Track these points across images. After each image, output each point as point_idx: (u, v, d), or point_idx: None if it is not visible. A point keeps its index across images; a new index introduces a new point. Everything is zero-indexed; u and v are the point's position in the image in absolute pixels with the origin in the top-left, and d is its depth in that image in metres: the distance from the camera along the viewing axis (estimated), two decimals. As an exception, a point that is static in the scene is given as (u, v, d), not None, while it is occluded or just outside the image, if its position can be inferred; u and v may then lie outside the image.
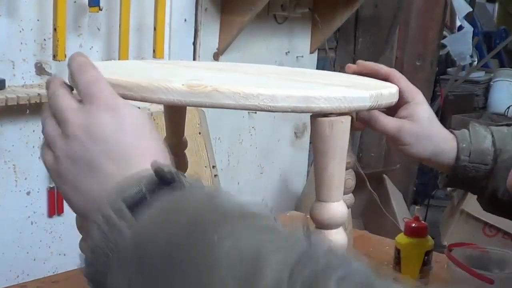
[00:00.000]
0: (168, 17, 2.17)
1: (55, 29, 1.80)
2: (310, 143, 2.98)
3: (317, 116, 0.66)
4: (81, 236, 0.71)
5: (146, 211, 0.46)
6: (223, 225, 0.41)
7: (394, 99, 0.76)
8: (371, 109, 0.69)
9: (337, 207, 0.68)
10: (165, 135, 0.99)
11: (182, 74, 0.78)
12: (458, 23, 4.21)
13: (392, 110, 0.90)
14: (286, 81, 0.78)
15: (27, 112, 1.84)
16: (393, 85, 0.82)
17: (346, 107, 0.65)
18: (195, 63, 1.13)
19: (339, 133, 0.66)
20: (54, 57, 1.83)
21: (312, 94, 0.64)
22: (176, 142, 0.98)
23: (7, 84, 1.80)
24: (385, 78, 0.89)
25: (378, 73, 0.90)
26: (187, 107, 0.87)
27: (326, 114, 0.65)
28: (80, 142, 0.53)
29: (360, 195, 2.98)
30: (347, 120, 0.66)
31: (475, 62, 4.35)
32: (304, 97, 0.63)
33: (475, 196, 0.99)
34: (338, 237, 0.68)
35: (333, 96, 0.64)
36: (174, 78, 0.68)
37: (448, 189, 2.86)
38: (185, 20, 2.28)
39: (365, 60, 0.92)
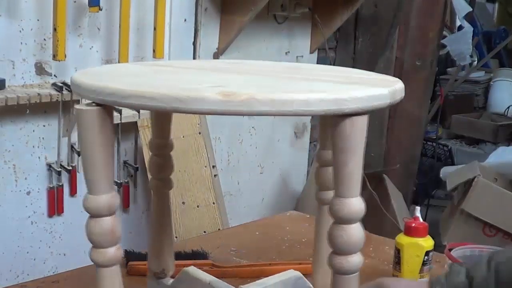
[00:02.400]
0: (168, 17, 2.17)
1: (55, 29, 1.80)
2: (310, 143, 2.98)
3: (338, 115, 0.67)
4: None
5: None
6: None
7: (403, 93, 0.76)
8: (390, 105, 0.71)
9: (356, 202, 0.70)
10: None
11: (201, 80, 0.77)
12: (458, 23, 4.21)
13: None
14: (306, 81, 0.78)
15: (27, 112, 1.84)
16: (397, 79, 0.80)
17: (370, 106, 0.68)
18: (197, 63, 1.12)
19: (359, 131, 0.68)
20: (54, 57, 1.83)
21: (342, 96, 0.65)
22: (162, 143, 0.98)
23: (7, 84, 1.80)
24: None
25: None
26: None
27: (350, 114, 0.67)
28: None
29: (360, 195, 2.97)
30: (364, 118, 0.69)
31: (475, 62, 4.35)
32: (334, 100, 0.65)
33: (475, 196, 0.98)
34: (356, 232, 0.71)
35: (360, 96, 0.66)
36: (200, 85, 0.67)
37: (448, 188, 2.85)
38: (185, 20, 2.28)
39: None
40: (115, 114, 1.92)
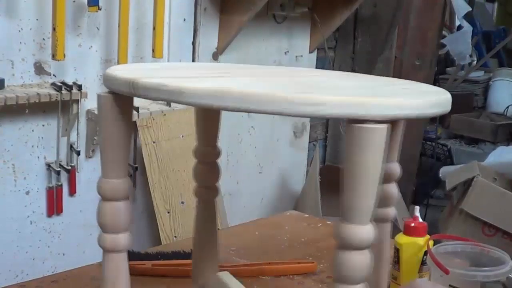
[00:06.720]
0: (167, 17, 2.17)
1: (54, 29, 1.80)
2: (309, 142, 2.98)
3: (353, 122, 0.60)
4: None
5: None
6: None
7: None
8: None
9: (366, 230, 0.62)
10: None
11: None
12: (457, 23, 4.21)
13: None
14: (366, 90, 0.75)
15: (26, 111, 1.84)
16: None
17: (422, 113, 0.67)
18: (210, 66, 1.09)
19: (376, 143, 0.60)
20: (53, 56, 1.83)
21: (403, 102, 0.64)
22: (208, 151, 0.96)
23: (6, 83, 1.80)
24: None
25: None
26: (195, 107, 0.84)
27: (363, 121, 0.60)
28: None
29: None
30: (384, 129, 0.60)
31: (474, 62, 4.35)
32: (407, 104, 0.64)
33: (475, 196, 0.98)
34: (362, 257, 0.62)
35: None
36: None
37: (448, 188, 2.85)
38: (184, 20, 2.28)
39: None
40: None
